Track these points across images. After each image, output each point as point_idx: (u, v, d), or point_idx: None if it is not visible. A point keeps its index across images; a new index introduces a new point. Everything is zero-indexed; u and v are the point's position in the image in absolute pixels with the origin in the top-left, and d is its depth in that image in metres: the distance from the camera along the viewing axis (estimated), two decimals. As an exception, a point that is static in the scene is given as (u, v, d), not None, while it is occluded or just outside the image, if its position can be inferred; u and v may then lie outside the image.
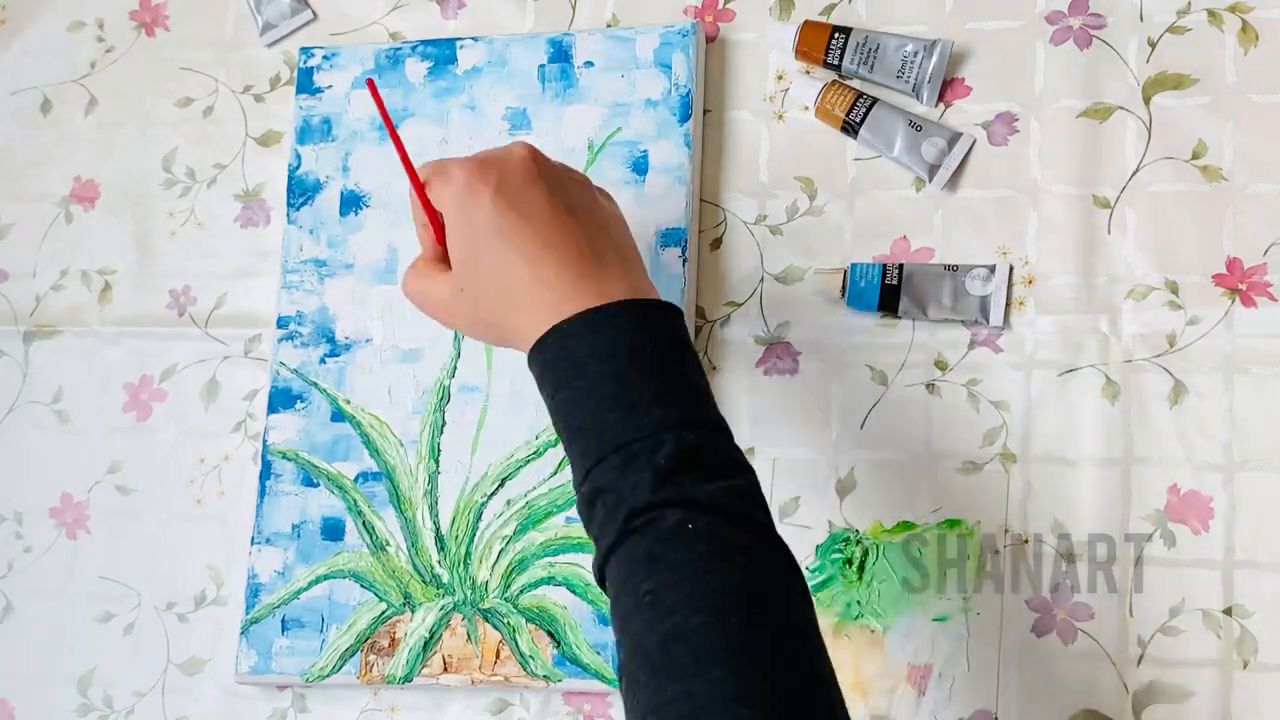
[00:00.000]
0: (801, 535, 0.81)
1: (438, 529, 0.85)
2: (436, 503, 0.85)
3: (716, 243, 0.87)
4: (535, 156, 0.71)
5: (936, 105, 0.86)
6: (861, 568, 0.80)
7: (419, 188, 0.72)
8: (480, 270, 0.69)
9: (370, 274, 0.89)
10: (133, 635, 0.90)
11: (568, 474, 0.83)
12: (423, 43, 0.92)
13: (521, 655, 0.82)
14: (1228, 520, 0.77)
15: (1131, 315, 0.80)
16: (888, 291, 0.82)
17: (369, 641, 0.84)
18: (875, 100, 0.85)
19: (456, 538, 0.84)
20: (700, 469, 0.62)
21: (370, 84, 0.72)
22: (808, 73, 0.88)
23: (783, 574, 0.61)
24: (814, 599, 0.79)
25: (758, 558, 0.60)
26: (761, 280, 0.86)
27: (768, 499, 0.82)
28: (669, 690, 0.56)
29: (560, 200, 0.70)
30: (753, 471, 0.65)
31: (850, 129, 0.86)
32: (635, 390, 0.63)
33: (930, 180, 0.84)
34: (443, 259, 0.73)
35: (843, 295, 0.83)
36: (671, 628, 0.58)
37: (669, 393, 0.64)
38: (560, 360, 0.65)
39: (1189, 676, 0.75)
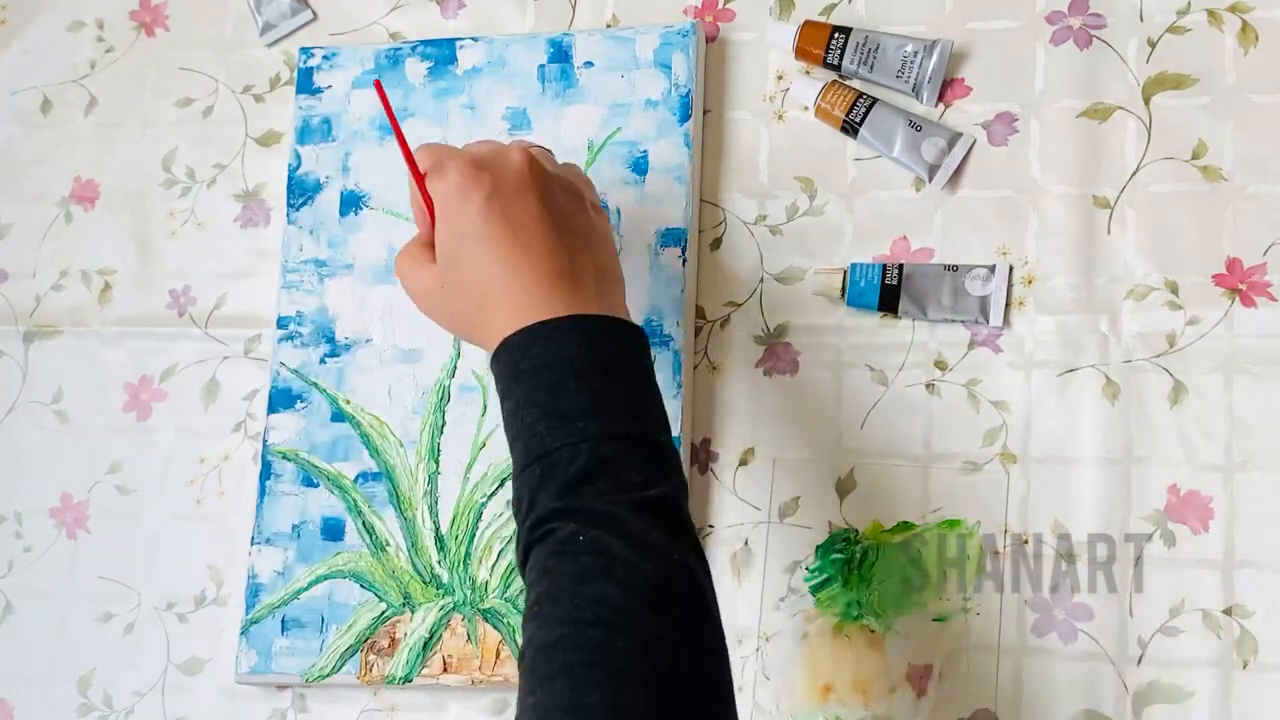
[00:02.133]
0: (801, 535, 0.81)
1: (438, 529, 0.85)
2: (436, 503, 0.85)
3: (716, 243, 0.87)
4: (533, 165, 0.72)
5: (936, 105, 0.86)
6: (861, 568, 0.80)
7: (418, 177, 0.73)
8: (460, 269, 0.71)
9: (370, 274, 0.89)
10: (133, 635, 0.90)
11: (568, 474, 0.84)
12: (423, 43, 0.92)
13: (521, 655, 0.82)
14: (1228, 520, 0.77)
15: (1131, 315, 0.80)
16: (888, 291, 0.82)
17: (369, 641, 0.84)
18: (875, 100, 0.85)
19: (456, 538, 0.84)
20: (607, 479, 0.63)
21: (377, 84, 0.72)
22: (808, 73, 0.88)
23: (661, 584, 0.61)
24: (816, 598, 0.80)
25: (638, 570, 0.61)
26: (761, 280, 0.86)
27: (768, 499, 0.82)
28: (527, 699, 0.58)
29: (549, 213, 0.71)
30: (675, 484, 0.65)
31: (850, 129, 0.86)
32: (565, 402, 0.65)
33: (930, 180, 0.84)
34: (433, 246, 0.73)
35: (843, 295, 0.83)
36: (541, 638, 0.59)
37: (598, 406, 0.65)
38: (509, 370, 0.67)
39: (1189, 676, 0.75)
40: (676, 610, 0.61)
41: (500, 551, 0.84)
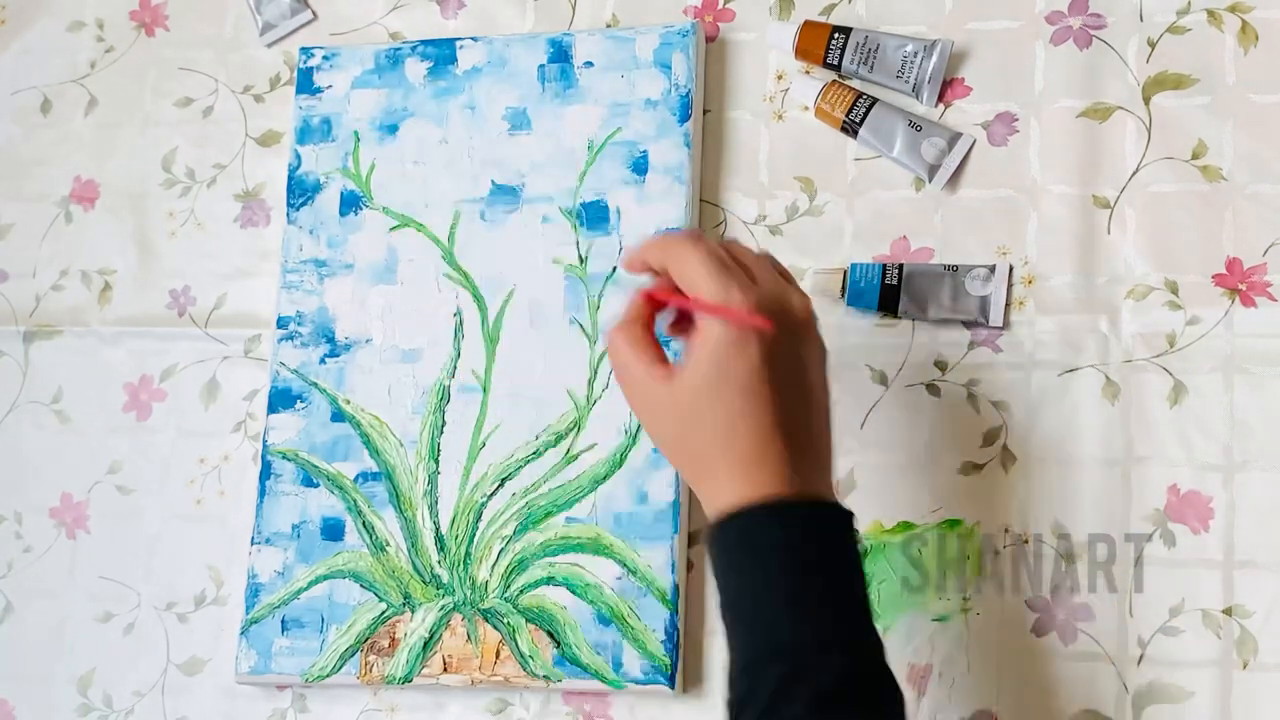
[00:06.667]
0: (801, 535, 0.81)
1: (438, 529, 0.85)
2: (436, 503, 0.85)
3: (716, 243, 0.87)
4: (813, 322, 0.66)
5: (936, 105, 0.86)
6: (861, 568, 0.80)
7: (693, 303, 0.65)
8: (707, 410, 0.63)
9: (370, 274, 0.89)
10: (133, 635, 0.90)
11: (567, 474, 0.83)
12: (423, 43, 0.92)
13: (521, 655, 0.82)
14: (1228, 520, 0.77)
15: (1131, 315, 0.80)
16: (887, 291, 0.82)
17: (369, 642, 0.84)
18: (875, 100, 0.85)
19: (456, 538, 0.84)
20: (857, 704, 0.60)
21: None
22: (808, 73, 0.88)
23: None
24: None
25: None
26: (761, 280, 0.86)
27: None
28: None
29: (816, 375, 0.65)
30: (901, 700, 0.63)
31: (850, 129, 0.86)
32: (809, 598, 0.61)
33: (930, 180, 0.84)
34: (666, 361, 0.66)
35: (843, 295, 0.83)
36: None
37: (840, 607, 0.62)
38: (741, 546, 0.62)
39: (1189, 676, 0.75)
40: None
41: (500, 551, 0.84)
